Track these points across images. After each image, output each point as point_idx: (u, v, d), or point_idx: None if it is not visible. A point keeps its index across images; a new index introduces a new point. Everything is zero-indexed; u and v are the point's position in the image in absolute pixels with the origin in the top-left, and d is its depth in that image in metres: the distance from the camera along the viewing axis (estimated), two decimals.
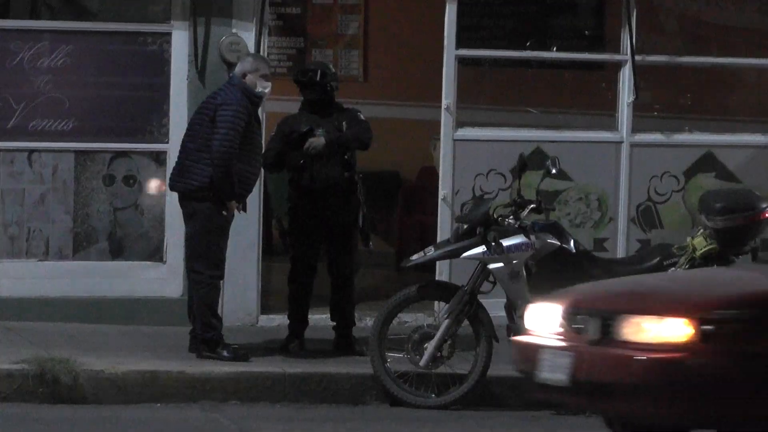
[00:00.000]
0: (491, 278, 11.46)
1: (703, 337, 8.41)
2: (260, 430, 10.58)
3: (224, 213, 11.82)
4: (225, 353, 11.76)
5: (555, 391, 9.10)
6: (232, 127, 11.69)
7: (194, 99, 12.75)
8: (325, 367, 11.81)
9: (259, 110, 12.36)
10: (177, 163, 12.14)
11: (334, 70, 12.71)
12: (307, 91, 12.44)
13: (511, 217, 11.49)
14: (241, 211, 12.06)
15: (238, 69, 12.12)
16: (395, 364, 11.46)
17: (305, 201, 12.29)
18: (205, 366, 11.55)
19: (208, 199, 11.78)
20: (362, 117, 12.38)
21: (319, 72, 12.49)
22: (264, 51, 13.24)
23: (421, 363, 11.38)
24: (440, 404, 11.40)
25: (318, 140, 12.12)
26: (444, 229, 13.40)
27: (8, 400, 10.86)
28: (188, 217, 11.97)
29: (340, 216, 12.23)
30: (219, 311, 12.10)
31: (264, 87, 12.00)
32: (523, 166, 11.91)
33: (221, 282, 12.12)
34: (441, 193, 13.75)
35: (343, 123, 12.26)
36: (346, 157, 12.29)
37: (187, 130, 12.16)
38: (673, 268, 11.46)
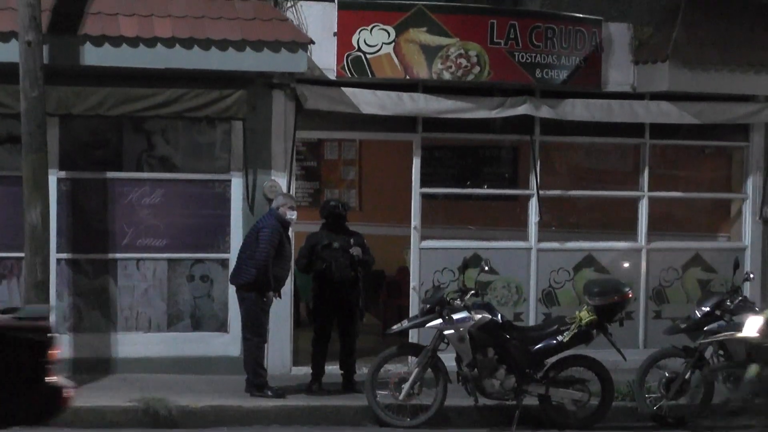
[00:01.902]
0: (446, 341, 11.44)
1: None
2: None
3: (264, 299, 11.82)
4: (269, 393, 11.76)
5: None
6: (269, 243, 11.74)
7: (246, 224, 12.69)
8: (336, 402, 11.85)
9: (290, 231, 12.27)
10: (235, 266, 12.15)
11: (344, 203, 12.80)
12: (330, 218, 12.45)
13: (458, 299, 11.52)
14: (278, 297, 12.04)
15: (274, 203, 12.18)
16: (383, 398, 11.39)
17: (325, 290, 12.29)
18: (255, 402, 11.56)
19: (253, 290, 11.79)
20: (367, 245, 12.40)
21: (335, 204, 12.63)
22: (292, 191, 13.21)
23: (401, 397, 11.35)
24: (414, 425, 11.32)
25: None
26: (414, 308, 13.35)
27: (124, 427, 10.91)
28: (241, 301, 11.96)
29: (347, 300, 12.24)
30: (264, 364, 12.00)
31: (291, 215, 12.07)
32: (465, 265, 11.98)
33: (265, 345, 12.02)
34: (412, 284, 13.72)
35: (351, 240, 12.28)
36: (354, 259, 12.27)
37: (242, 244, 12.16)
38: (566, 333, 11.46)
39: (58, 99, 12.07)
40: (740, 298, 11.96)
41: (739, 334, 11.42)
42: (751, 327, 11.38)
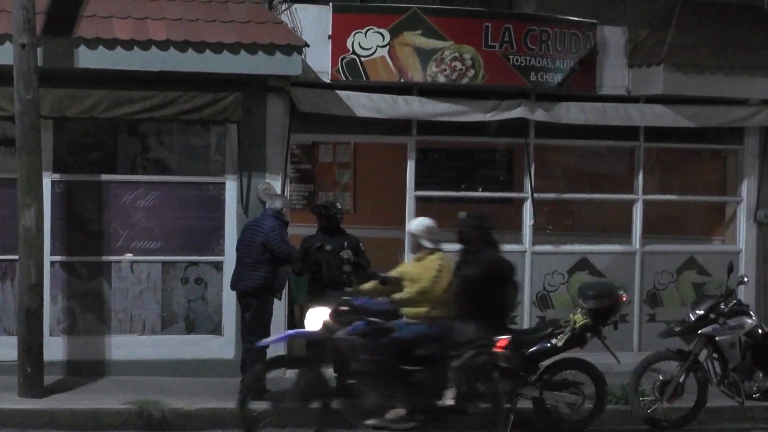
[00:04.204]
0: None
1: None
2: None
3: (276, 296, 11.97)
4: (265, 396, 11.67)
5: None
6: (282, 239, 11.85)
7: (241, 226, 12.65)
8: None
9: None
10: (236, 271, 12.10)
11: (339, 206, 12.79)
12: (321, 219, 12.51)
13: None
14: (278, 299, 12.13)
15: (275, 205, 12.12)
16: None
17: (318, 293, 11.97)
18: (251, 404, 11.33)
19: (261, 296, 11.81)
20: (362, 248, 12.37)
21: (328, 207, 12.62)
22: (287, 193, 13.20)
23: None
24: (407, 428, 10.59)
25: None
26: None
27: (118, 429, 10.91)
28: (246, 308, 11.91)
29: None
30: None
31: (287, 215, 12.16)
32: None
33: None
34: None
35: (345, 242, 12.28)
36: (345, 262, 12.24)
37: (243, 248, 12.03)
38: (560, 335, 11.44)
39: (52, 101, 12.11)
40: (734, 301, 11.97)
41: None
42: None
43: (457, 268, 10.87)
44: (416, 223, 10.95)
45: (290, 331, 11.12)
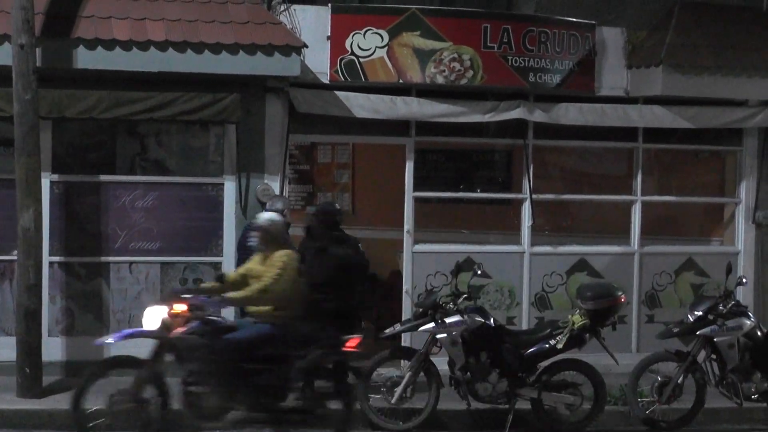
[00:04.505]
0: (438, 344, 11.48)
1: None
2: None
3: None
4: None
5: None
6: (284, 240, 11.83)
7: (239, 227, 12.73)
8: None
9: None
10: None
11: (338, 207, 12.89)
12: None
13: (451, 303, 11.56)
14: None
15: (277, 206, 12.05)
16: (375, 402, 11.40)
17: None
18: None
19: None
20: (361, 248, 12.27)
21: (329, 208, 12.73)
22: (286, 194, 13.22)
23: (393, 401, 11.37)
24: (406, 429, 11.35)
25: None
26: (407, 312, 13.38)
27: (117, 429, 10.58)
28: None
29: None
30: None
31: (288, 216, 12.18)
32: (458, 269, 12.02)
33: None
34: (404, 288, 13.75)
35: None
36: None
37: (243, 250, 11.95)
38: (559, 336, 11.53)
39: (51, 102, 12.13)
40: (733, 302, 12.01)
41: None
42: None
43: (303, 264, 10.52)
44: (265, 218, 10.49)
45: (127, 330, 10.67)
